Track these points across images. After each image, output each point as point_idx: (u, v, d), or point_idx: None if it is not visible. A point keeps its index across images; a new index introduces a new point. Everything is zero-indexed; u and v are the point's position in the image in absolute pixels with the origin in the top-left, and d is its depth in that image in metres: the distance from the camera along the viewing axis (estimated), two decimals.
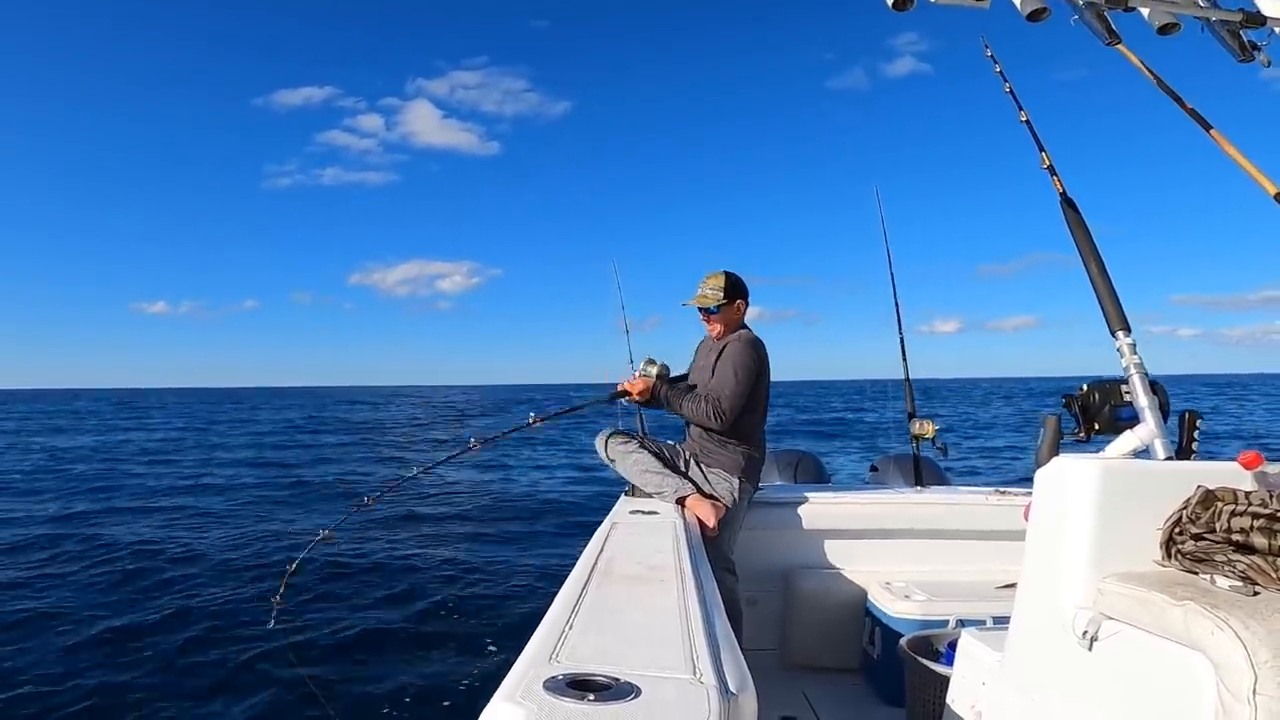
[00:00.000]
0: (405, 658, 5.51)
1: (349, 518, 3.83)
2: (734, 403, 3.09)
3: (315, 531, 3.38)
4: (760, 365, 3.20)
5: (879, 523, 3.42)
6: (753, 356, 3.17)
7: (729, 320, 3.30)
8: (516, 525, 10.69)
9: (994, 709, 1.80)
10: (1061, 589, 1.58)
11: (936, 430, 3.76)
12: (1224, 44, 1.97)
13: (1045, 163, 2.48)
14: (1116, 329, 2.06)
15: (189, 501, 12.87)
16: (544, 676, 1.06)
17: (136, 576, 7.70)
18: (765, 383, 3.26)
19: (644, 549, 2.11)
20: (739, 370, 3.11)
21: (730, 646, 1.28)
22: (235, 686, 4.99)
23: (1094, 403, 2.01)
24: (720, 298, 3.25)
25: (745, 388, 3.11)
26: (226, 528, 10.35)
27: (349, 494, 12.05)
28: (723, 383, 3.12)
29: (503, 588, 7.36)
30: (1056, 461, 1.71)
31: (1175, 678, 1.28)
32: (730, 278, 3.29)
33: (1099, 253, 2.22)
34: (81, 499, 13.15)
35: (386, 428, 33.28)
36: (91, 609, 6.60)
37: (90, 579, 7.64)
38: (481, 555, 8.75)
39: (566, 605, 1.48)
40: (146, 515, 11.39)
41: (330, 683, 5.01)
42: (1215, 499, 1.42)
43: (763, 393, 3.26)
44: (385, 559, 8.54)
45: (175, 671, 5.23)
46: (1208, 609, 1.23)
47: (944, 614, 2.88)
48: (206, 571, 7.91)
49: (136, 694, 4.86)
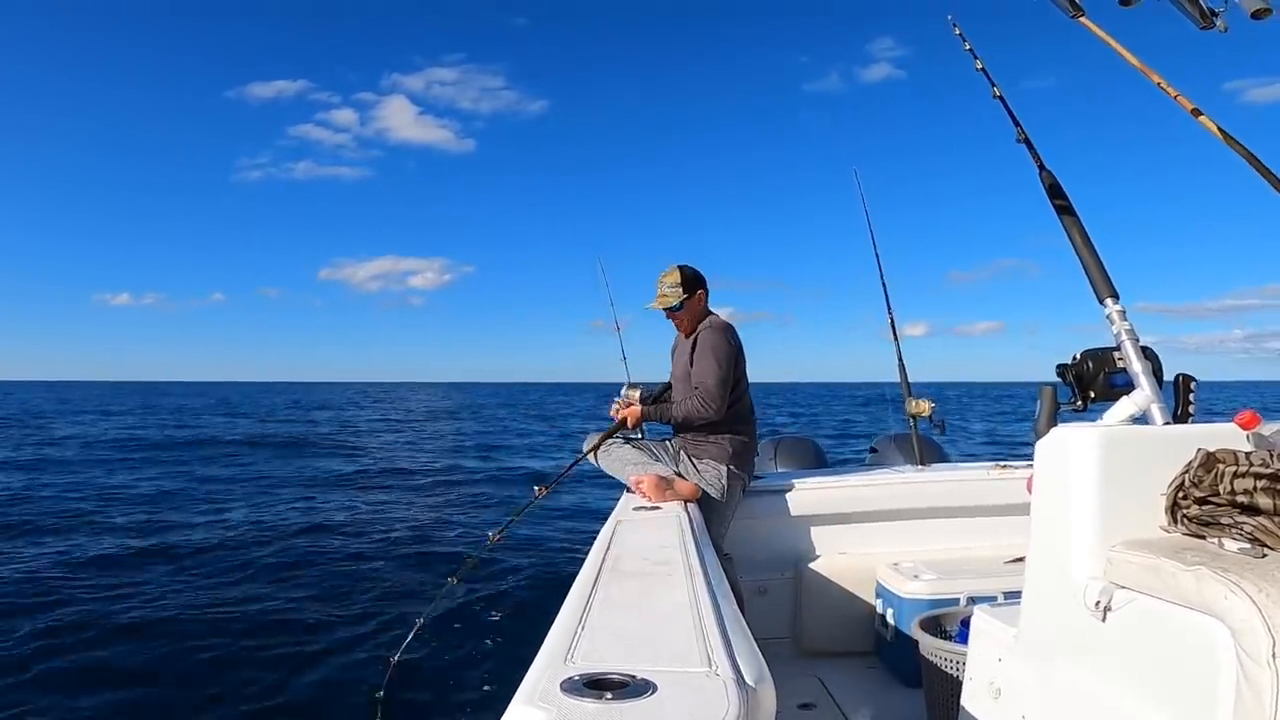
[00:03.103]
0: (413, 656, 5.48)
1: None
2: (721, 389, 3.13)
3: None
4: (737, 347, 3.25)
5: (883, 504, 3.42)
6: (727, 340, 3.20)
7: (693, 313, 3.32)
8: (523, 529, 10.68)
9: (1011, 684, 1.81)
10: (1070, 560, 1.58)
11: (933, 407, 3.77)
12: (1184, 11, 1.96)
13: (1020, 136, 2.48)
14: (1104, 296, 2.06)
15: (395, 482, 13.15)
16: (561, 678, 1.06)
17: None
18: (743, 365, 3.30)
19: (650, 544, 2.11)
20: (718, 355, 3.14)
21: (744, 637, 1.28)
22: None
23: (1088, 371, 2.01)
24: (680, 294, 3.26)
25: (727, 372, 3.15)
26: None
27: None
28: (705, 372, 3.15)
29: (509, 587, 7.35)
30: (1056, 432, 1.71)
31: (1192, 644, 1.29)
32: (685, 271, 3.29)
33: (1081, 222, 2.21)
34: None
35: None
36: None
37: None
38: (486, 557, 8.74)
39: (578, 605, 1.48)
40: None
41: (326, 684, 5.00)
42: (1216, 461, 1.42)
43: (742, 376, 3.29)
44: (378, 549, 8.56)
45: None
46: (1219, 573, 1.23)
47: (954, 592, 2.90)
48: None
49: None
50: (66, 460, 17.26)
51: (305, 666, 5.38)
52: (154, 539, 8.97)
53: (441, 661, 5.41)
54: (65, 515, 10.41)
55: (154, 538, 9.04)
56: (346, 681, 5.11)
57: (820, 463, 4.44)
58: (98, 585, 7.01)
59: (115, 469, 15.98)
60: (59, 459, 17.57)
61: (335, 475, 15.49)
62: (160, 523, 9.99)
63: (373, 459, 18.69)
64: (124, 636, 5.79)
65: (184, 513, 10.83)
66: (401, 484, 14.54)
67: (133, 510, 10.92)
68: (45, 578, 7.22)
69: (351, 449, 21.32)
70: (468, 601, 6.82)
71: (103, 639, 5.69)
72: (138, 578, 7.29)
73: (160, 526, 9.74)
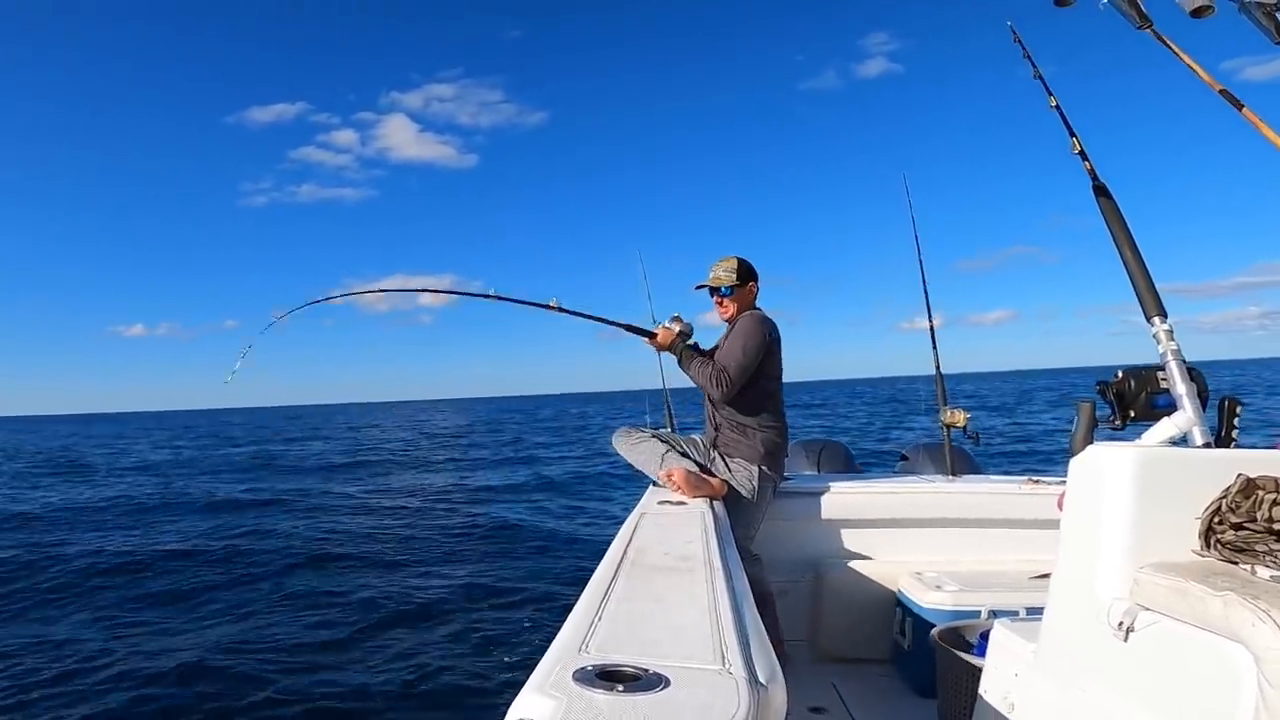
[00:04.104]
0: (435, 648, 5.60)
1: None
2: (738, 374, 3.11)
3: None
4: (768, 340, 3.19)
5: (909, 512, 3.38)
6: (760, 330, 3.18)
7: (742, 302, 3.33)
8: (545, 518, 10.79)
9: (1027, 700, 1.78)
10: (1097, 579, 1.56)
11: (968, 418, 3.71)
12: (1259, 25, 1.90)
13: (1076, 148, 2.43)
14: (1153, 315, 2.01)
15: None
16: (573, 668, 1.06)
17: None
18: (777, 362, 3.26)
19: (672, 540, 2.11)
20: (747, 341, 3.14)
21: (759, 637, 1.28)
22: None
23: (1130, 390, 1.97)
24: (734, 279, 3.29)
25: (751, 359, 3.12)
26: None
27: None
28: (729, 353, 3.15)
29: (530, 578, 7.45)
30: (1092, 450, 1.68)
31: (1214, 669, 1.26)
32: (743, 262, 3.34)
33: (1133, 239, 2.17)
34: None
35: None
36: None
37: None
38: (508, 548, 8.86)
39: (595, 596, 1.48)
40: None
41: (352, 671, 5.12)
42: (1256, 488, 1.39)
43: (775, 372, 3.26)
44: (415, 552, 8.70)
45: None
46: (1248, 600, 1.20)
47: (976, 605, 2.85)
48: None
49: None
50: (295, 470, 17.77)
51: (329, 651, 5.57)
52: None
53: (461, 652, 5.53)
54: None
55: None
56: (366, 670, 5.25)
57: (850, 467, 4.41)
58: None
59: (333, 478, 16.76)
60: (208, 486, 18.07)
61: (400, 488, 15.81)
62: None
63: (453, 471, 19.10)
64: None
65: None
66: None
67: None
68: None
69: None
70: (488, 593, 6.94)
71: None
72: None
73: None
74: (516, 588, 7.16)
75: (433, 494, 14.55)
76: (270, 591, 7.26)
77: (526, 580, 7.47)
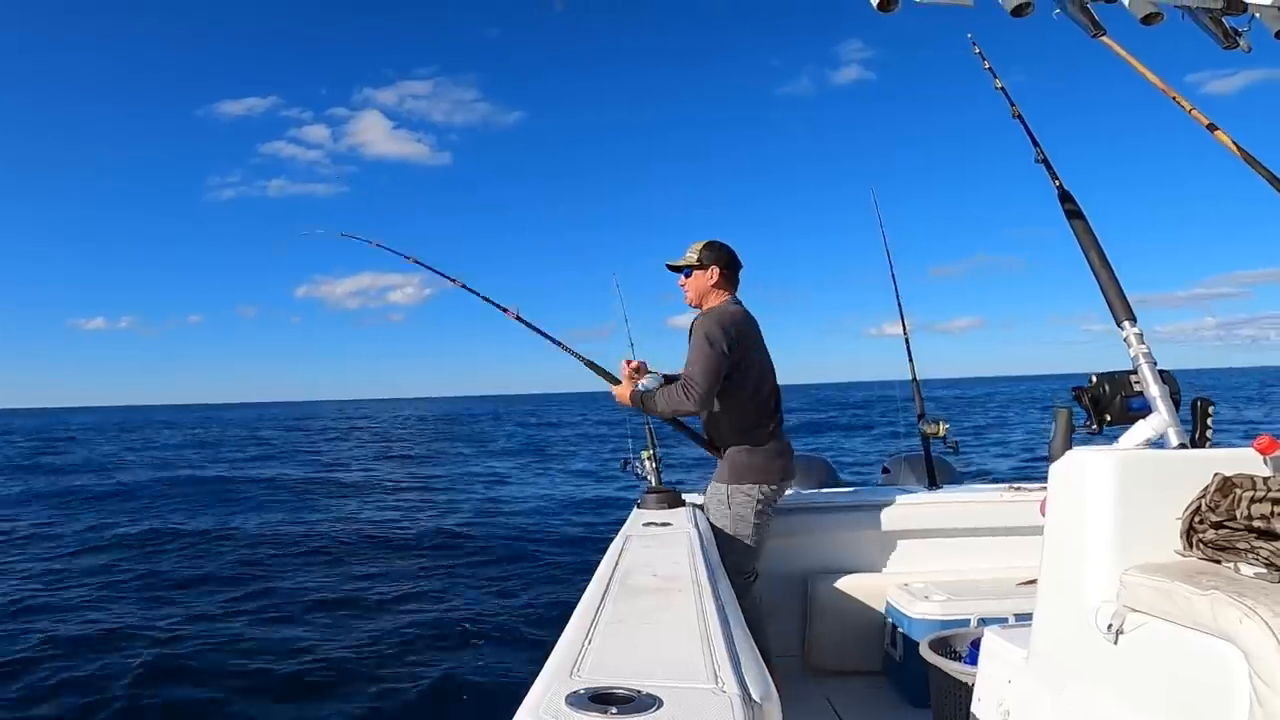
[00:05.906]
0: (427, 674, 5.49)
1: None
2: (705, 378, 2.79)
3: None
4: (730, 335, 2.85)
5: (895, 524, 3.40)
6: (720, 327, 2.85)
7: (699, 287, 3.04)
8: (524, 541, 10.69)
9: (1021, 707, 1.79)
10: (1083, 583, 1.57)
11: (948, 428, 3.74)
12: (1207, 31, 1.97)
13: (1040, 156, 2.48)
14: (1122, 319, 2.05)
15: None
16: (566, 692, 1.06)
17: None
18: (748, 363, 2.93)
19: (659, 560, 2.10)
20: (704, 341, 2.83)
21: (751, 655, 1.28)
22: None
23: (1105, 394, 1.99)
24: (694, 260, 3.03)
25: (716, 362, 2.80)
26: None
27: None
28: (690, 359, 2.87)
29: (518, 602, 7.35)
30: (1071, 454, 1.70)
31: (1205, 668, 1.27)
32: (712, 243, 3.07)
33: (1099, 244, 2.21)
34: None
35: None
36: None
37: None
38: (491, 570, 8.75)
39: (585, 619, 1.47)
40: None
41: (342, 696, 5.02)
42: (1234, 486, 1.41)
43: (748, 376, 2.94)
44: (398, 575, 8.56)
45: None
46: (1234, 597, 1.22)
47: (965, 613, 2.87)
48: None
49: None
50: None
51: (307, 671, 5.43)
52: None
53: (451, 675, 5.43)
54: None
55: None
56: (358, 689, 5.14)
57: (832, 481, 4.41)
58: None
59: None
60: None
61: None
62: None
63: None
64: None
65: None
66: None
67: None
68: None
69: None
70: (477, 616, 6.84)
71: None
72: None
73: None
74: (506, 608, 7.07)
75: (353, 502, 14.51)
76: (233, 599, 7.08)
77: (515, 597, 7.39)
